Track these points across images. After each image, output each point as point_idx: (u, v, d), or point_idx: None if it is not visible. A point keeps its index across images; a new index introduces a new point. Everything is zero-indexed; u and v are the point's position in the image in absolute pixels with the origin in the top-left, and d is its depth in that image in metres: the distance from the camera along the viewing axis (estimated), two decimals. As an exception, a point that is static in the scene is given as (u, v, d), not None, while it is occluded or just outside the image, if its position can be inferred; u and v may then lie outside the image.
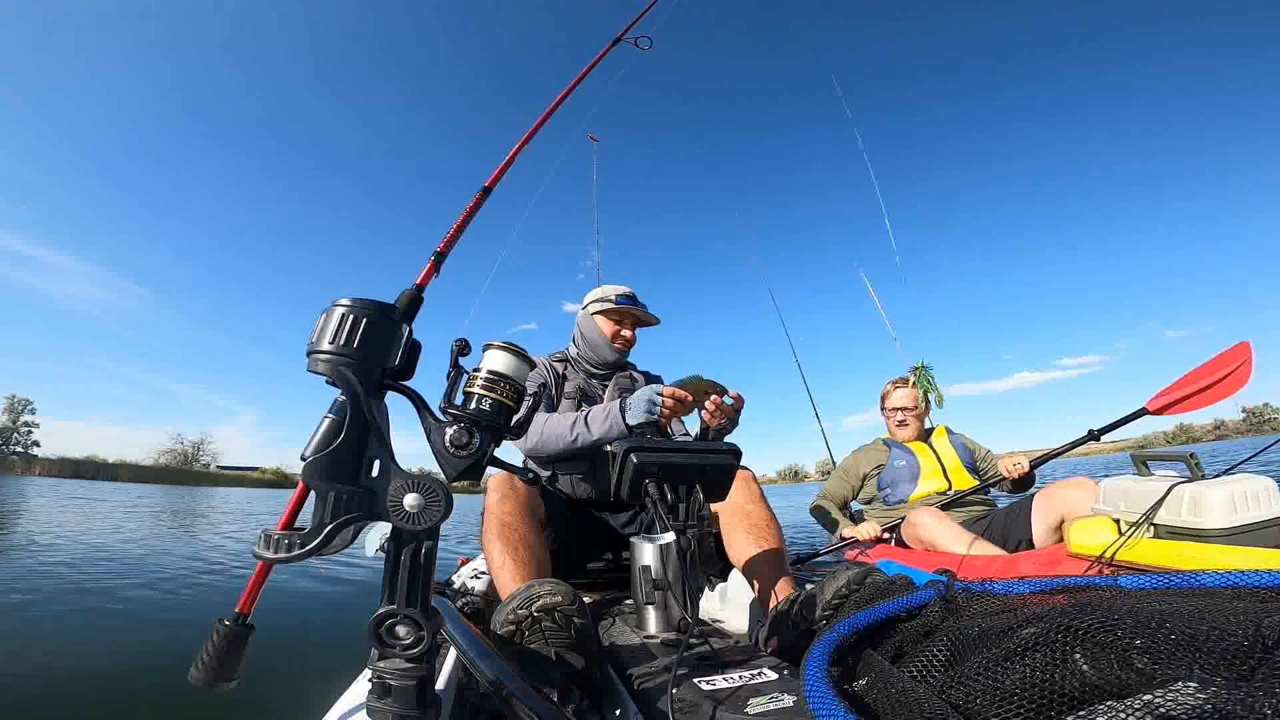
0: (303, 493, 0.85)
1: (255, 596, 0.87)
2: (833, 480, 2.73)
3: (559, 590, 0.84)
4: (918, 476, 2.45)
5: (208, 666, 0.78)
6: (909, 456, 2.50)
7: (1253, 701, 0.34)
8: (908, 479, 2.45)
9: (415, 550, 0.60)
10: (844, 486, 2.68)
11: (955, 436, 2.62)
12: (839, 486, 2.68)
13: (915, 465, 2.47)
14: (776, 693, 0.69)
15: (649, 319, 1.87)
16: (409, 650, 0.59)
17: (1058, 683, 0.44)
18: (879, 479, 2.55)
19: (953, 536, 1.99)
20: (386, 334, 0.63)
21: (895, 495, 2.47)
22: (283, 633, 2.44)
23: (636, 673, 0.81)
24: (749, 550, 1.24)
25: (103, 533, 6.29)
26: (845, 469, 2.68)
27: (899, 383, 2.70)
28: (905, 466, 2.48)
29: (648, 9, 2.00)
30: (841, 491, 2.67)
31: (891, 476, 2.50)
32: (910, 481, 2.45)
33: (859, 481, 2.63)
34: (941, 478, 2.43)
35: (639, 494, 0.99)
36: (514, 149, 1.43)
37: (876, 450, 2.63)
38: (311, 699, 0.83)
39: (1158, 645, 0.42)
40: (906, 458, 2.50)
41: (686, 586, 0.97)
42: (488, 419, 0.65)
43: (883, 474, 2.54)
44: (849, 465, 2.67)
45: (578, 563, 1.60)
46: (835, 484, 2.71)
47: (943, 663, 0.54)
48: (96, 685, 1.82)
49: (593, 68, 1.73)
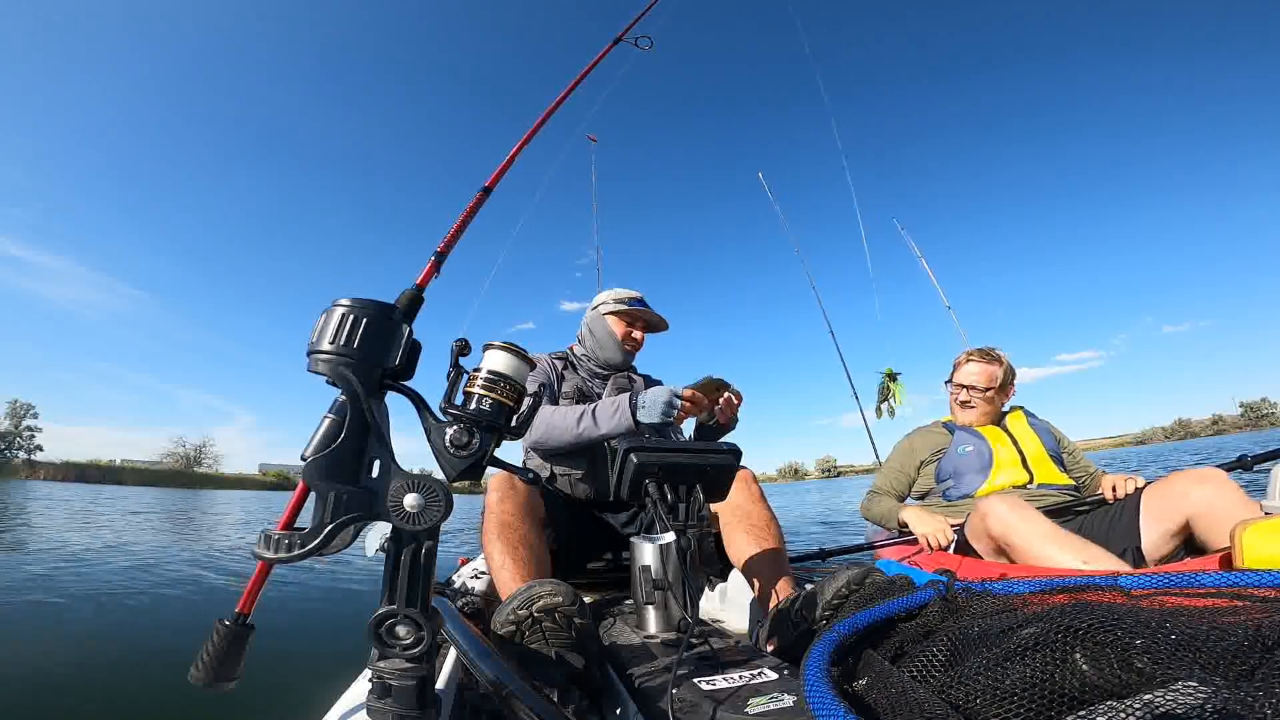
0: (303, 493, 0.85)
1: (255, 596, 0.87)
2: (885, 472, 2.19)
3: (559, 590, 0.84)
4: (989, 466, 1.92)
5: (208, 666, 0.78)
6: (977, 441, 1.99)
7: (1253, 701, 0.34)
8: (976, 469, 1.93)
9: (415, 550, 0.60)
10: (900, 478, 2.13)
11: (1036, 420, 2.10)
12: (895, 479, 2.14)
13: (986, 452, 1.95)
14: (776, 693, 0.69)
15: (659, 323, 1.90)
16: (409, 650, 0.59)
17: (1058, 683, 0.44)
18: (937, 468, 2.04)
19: (1050, 537, 1.39)
20: (386, 334, 0.63)
21: (958, 489, 1.96)
22: (283, 633, 2.44)
23: (637, 673, 0.81)
24: (749, 550, 1.24)
25: (103, 533, 6.29)
26: (900, 456, 2.17)
27: (975, 354, 2.11)
28: (972, 454, 1.96)
29: (648, 9, 2.00)
30: (898, 485, 2.14)
31: (953, 465, 1.98)
32: (979, 473, 1.93)
33: (915, 471, 2.12)
34: (1020, 468, 1.90)
35: (639, 494, 0.99)
36: (514, 149, 1.43)
37: (935, 433, 2.13)
38: (311, 699, 0.83)
39: (1158, 645, 0.42)
40: (974, 443, 1.99)
41: (686, 586, 0.97)
42: (488, 419, 0.65)
43: (942, 462, 2.02)
44: (903, 452, 2.16)
45: (578, 563, 1.60)
46: (890, 476, 2.16)
47: (943, 663, 0.54)
48: (97, 685, 1.82)
49: (593, 68, 1.74)
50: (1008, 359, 2.09)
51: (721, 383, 1.47)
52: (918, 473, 2.11)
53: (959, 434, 2.04)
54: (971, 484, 1.93)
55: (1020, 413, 2.13)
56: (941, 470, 2.02)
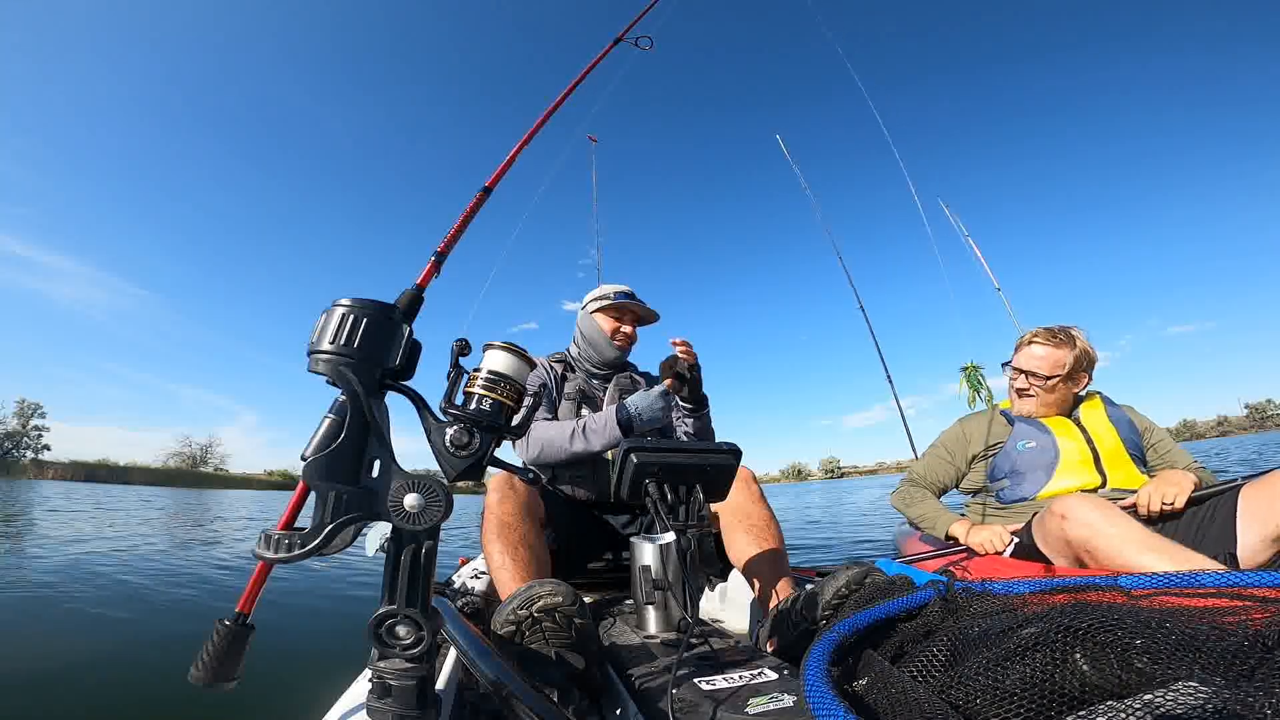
0: (303, 493, 0.85)
1: (255, 596, 0.87)
2: (929, 459, 1.93)
3: (559, 590, 0.84)
4: (1054, 465, 1.67)
5: (208, 666, 0.78)
6: (1041, 436, 1.72)
7: (1253, 701, 0.34)
8: (1038, 467, 1.68)
9: (415, 550, 0.60)
10: (946, 470, 1.88)
11: (1116, 408, 1.79)
12: (939, 469, 1.89)
13: (1051, 449, 1.69)
14: (776, 693, 0.69)
15: (649, 315, 1.86)
16: (409, 650, 0.59)
17: (1058, 683, 0.44)
18: (992, 464, 1.78)
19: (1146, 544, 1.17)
20: (387, 334, 0.63)
21: (1016, 490, 1.71)
22: (283, 633, 2.44)
23: (637, 673, 0.81)
24: (749, 550, 1.24)
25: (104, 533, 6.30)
26: (950, 443, 1.90)
27: (1041, 334, 1.79)
28: (1034, 450, 1.70)
29: (648, 9, 2.00)
30: (941, 476, 1.89)
31: (1011, 462, 1.73)
32: (1043, 471, 1.67)
33: (966, 464, 1.85)
34: (1091, 469, 1.64)
35: (639, 494, 0.99)
36: (515, 149, 1.43)
37: (993, 422, 1.84)
38: (311, 699, 0.83)
39: (1158, 645, 0.42)
40: (1038, 436, 1.72)
41: (686, 586, 0.97)
42: (488, 419, 0.65)
43: (998, 458, 1.77)
44: (955, 439, 1.89)
45: (578, 563, 1.60)
46: (933, 464, 1.91)
47: (943, 663, 0.54)
48: (97, 685, 1.82)
49: (593, 68, 1.74)
50: (1084, 340, 1.75)
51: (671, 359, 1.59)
52: (969, 466, 1.85)
53: (1020, 426, 1.77)
54: (1031, 486, 1.68)
55: (1098, 400, 1.82)
56: (996, 467, 1.76)
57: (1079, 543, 1.27)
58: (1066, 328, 1.78)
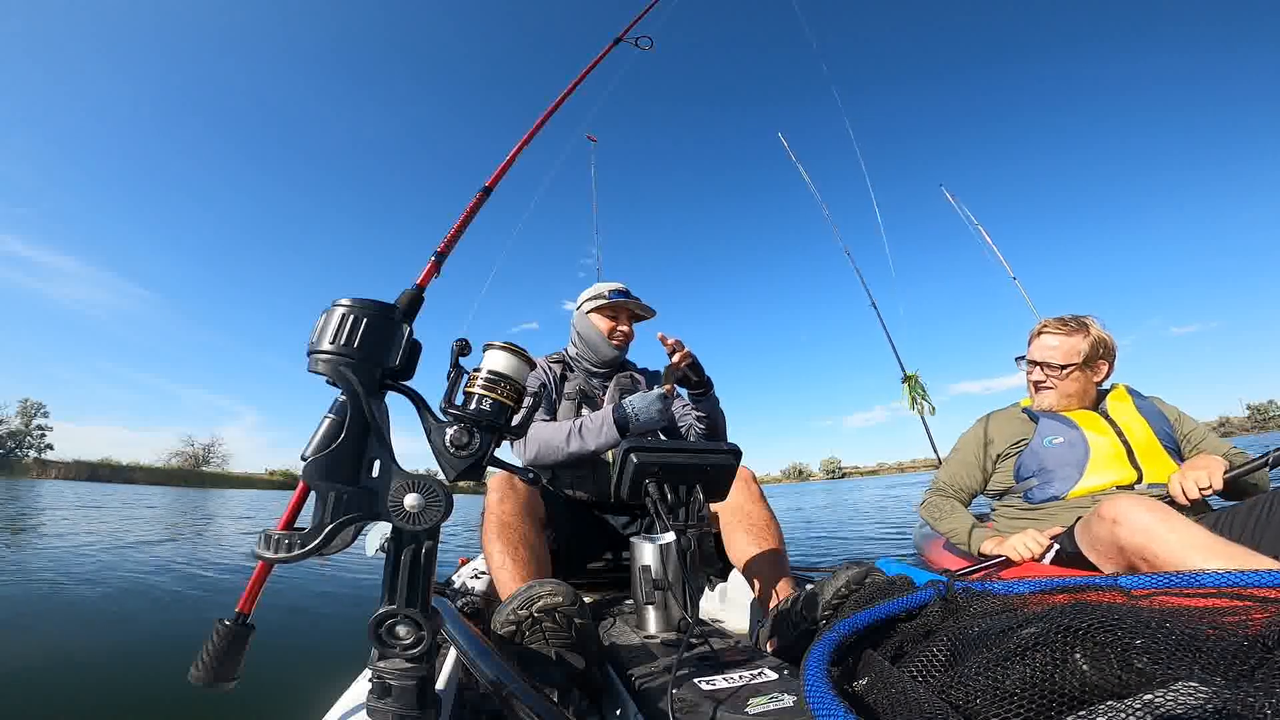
0: (303, 492, 0.85)
1: (255, 596, 0.87)
2: (952, 465, 1.83)
3: (560, 590, 0.84)
4: (1085, 461, 1.58)
5: (208, 666, 0.78)
6: (1069, 430, 1.63)
7: (1253, 701, 0.34)
8: (1068, 464, 1.59)
9: (415, 550, 0.60)
10: (972, 474, 1.79)
11: (1144, 400, 1.71)
12: (966, 474, 1.79)
13: (1080, 444, 1.60)
14: (776, 693, 0.69)
15: (644, 311, 1.86)
16: (409, 650, 0.59)
17: (1058, 683, 0.43)
18: (1018, 463, 1.69)
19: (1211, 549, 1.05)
20: (387, 334, 0.63)
21: (1045, 489, 1.62)
22: (283, 633, 2.44)
23: (637, 673, 0.81)
24: (749, 550, 1.24)
25: (104, 534, 6.30)
26: (971, 446, 1.81)
27: (1052, 323, 1.72)
28: (1063, 445, 1.62)
29: (648, 9, 2.00)
30: (967, 482, 1.79)
31: (1039, 460, 1.64)
32: (1073, 468, 1.58)
33: (991, 466, 1.77)
34: (1125, 464, 1.55)
35: (639, 494, 0.99)
36: (515, 149, 1.43)
37: (1014, 420, 1.76)
38: (311, 699, 0.83)
39: (1158, 645, 0.42)
40: (1065, 432, 1.63)
41: (686, 586, 0.97)
42: (488, 419, 0.65)
43: (1024, 456, 1.67)
44: (975, 441, 1.80)
45: (578, 563, 1.60)
46: (957, 470, 1.81)
47: (943, 663, 0.54)
48: (97, 684, 1.83)
49: (593, 68, 1.74)
50: (1099, 327, 1.69)
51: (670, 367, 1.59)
52: (994, 467, 1.76)
53: (1045, 421, 1.68)
54: (1062, 484, 1.58)
55: (1124, 391, 1.74)
56: (1023, 466, 1.67)
57: (1134, 549, 1.15)
58: (1079, 315, 1.72)
